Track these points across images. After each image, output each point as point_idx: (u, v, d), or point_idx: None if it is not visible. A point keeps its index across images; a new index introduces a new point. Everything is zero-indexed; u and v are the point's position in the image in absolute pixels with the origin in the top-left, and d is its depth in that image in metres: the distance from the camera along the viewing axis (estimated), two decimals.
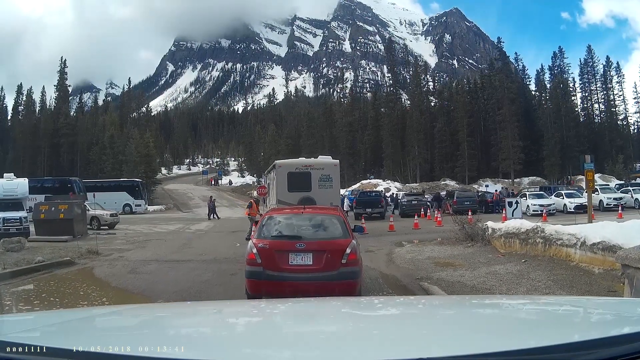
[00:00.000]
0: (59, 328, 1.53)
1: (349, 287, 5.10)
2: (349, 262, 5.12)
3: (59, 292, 6.83)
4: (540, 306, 1.94)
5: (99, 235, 15.46)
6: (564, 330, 1.38)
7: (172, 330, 1.64)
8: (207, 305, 2.46)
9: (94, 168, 47.34)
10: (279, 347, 1.27)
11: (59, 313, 2.62)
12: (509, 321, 1.65)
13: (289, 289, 4.96)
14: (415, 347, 1.16)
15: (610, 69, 57.50)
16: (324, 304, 2.20)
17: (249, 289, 5.41)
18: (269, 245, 5.28)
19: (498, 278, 6.55)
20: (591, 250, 7.28)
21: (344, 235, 5.42)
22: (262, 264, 5.19)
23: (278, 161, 14.78)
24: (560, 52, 58.04)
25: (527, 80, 58.49)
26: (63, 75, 56.79)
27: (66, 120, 53.53)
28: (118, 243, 14.53)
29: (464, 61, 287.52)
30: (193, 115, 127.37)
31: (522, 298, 3.55)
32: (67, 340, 1.32)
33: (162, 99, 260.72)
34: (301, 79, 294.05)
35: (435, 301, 2.79)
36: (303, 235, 5.42)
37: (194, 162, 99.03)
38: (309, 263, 5.14)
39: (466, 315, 1.77)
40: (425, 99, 53.91)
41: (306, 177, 13.62)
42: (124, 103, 79.04)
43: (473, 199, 23.75)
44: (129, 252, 11.86)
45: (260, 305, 2.43)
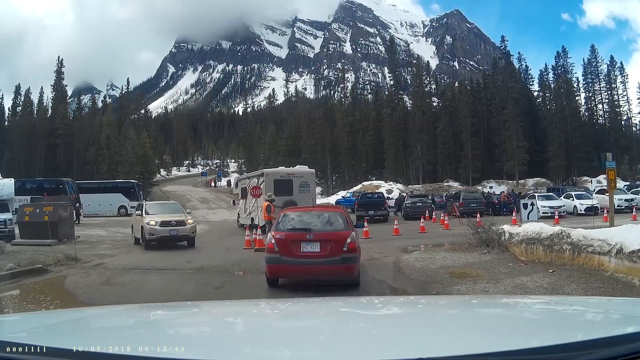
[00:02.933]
0: (59, 328, 1.53)
1: (350, 270, 6.26)
2: (349, 250, 6.24)
3: (18, 307, 5.92)
4: (541, 306, 1.92)
5: (87, 240, 14.62)
6: (564, 330, 1.36)
7: (172, 330, 1.63)
8: (207, 305, 2.45)
9: (90, 169, 46.50)
10: (279, 347, 1.27)
11: (59, 313, 2.58)
12: (509, 321, 1.64)
13: (300, 271, 6.33)
14: (415, 347, 1.16)
15: (614, 69, 56.57)
16: (323, 303, 2.19)
17: (268, 272, 6.58)
18: (285, 237, 6.40)
19: (528, 293, 5.61)
20: (630, 259, 6.36)
21: (345, 227, 6.59)
22: (279, 251, 6.29)
23: (266, 170, 17.08)
24: (564, 51, 57.17)
25: (530, 80, 57.73)
26: (60, 75, 56.11)
27: (62, 120, 52.70)
28: (103, 248, 13.65)
29: (464, 63, 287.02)
30: (193, 117, 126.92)
31: (523, 298, 3.47)
32: (67, 340, 1.31)
33: (163, 101, 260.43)
34: (302, 80, 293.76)
35: (436, 301, 2.75)
36: (312, 228, 6.56)
37: (193, 163, 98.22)
38: (317, 250, 6.26)
39: (466, 315, 1.76)
40: (427, 99, 52.99)
41: (289, 183, 16.27)
42: (122, 104, 78.24)
43: (480, 201, 22.77)
44: (111, 258, 10.95)
45: (260, 305, 2.47)
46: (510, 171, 47.19)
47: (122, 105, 78.48)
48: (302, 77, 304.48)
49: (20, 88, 63.37)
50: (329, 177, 55.30)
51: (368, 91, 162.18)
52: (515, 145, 45.91)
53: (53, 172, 43.63)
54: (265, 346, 1.28)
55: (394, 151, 49.16)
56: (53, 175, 38.80)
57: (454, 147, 48.30)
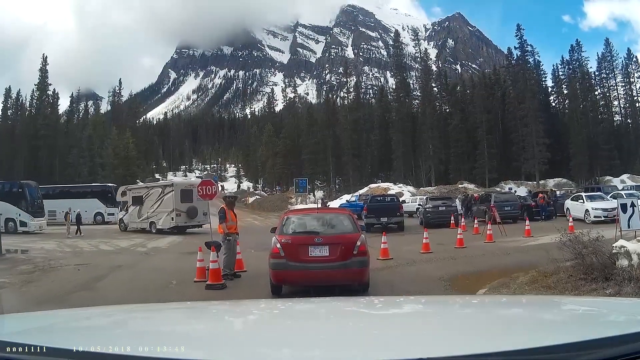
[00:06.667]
0: (58, 328, 1.54)
1: (360, 273, 6.10)
2: (359, 253, 6.07)
3: None
4: (541, 306, 1.90)
5: (15, 255, 11.14)
6: (564, 330, 1.36)
7: (172, 330, 1.62)
8: (207, 305, 2.44)
9: (72, 172, 42.74)
10: (279, 347, 1.27)
11: (58, 313, 2.45)
12: (509, 321, 1.62)
13: (309, 277, 6.02)
14: (415, 347, 1.16)
15: (631, 62, 52.79)
16: (324, 304, 2.18)
17: (273, 279, 6.24)
18: (292, 240, 6.18)
19: None
20: None
21: (354, 230, 6.42)
22: (285, 256, 6.04)
23: (175, 179, 21.29)
24: (578, 45, 53.37)
25: (542, 76, 53.94)
26: (44, 73, 52.60)
27: (45, 121, 49.13)
28: (22, 269, 9.94)
29: (467, 66, 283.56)
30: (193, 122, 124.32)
31: (523, 298, 3.22)
32: (67, 340, 1.31)
33: (165, 107, 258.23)
34: (304, 85, 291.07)
35: (436, 301, 2.60)
36: (320, 231, 6.34)
37: (190, 168, 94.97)
38: (326, 254, 6.05)
39: (467, 315, 1.76)
40: (438, 94, 49.09)
41: (190, 193, 19.11)
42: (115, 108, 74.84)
43: (515, 204, 18.68)
44: (22, 286, 7.68)
45: (260, 305, 2.47)
46: (530, 171, 43.28)
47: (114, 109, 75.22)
48: (304, 82, 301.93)
49: (10, 90, 60.39)
50: (331, 179, 51.23)
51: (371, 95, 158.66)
52: (535, 142, 41.89)
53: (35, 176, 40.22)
54: (266, 346, 1.27)
55: (403, 150, 45.20)
56: (35, 179, 34.89)
57: (467, 146, 44.43)
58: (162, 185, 21.22)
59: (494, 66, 64.86)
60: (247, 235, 15.18)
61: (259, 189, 59.24)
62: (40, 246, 15.70)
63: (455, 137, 44.90)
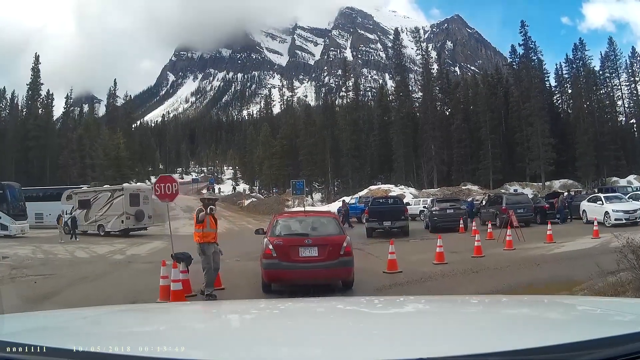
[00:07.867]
0: (58, 328, 1.53)
1: (346, 272, 6.65)
2: (345, 253, 6.58)
3: None
4: (542, 306, 1.89)
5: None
6: (564, 330, 1.36)
7: (172, 330, 1.62)
8: (207, 306, 2.49)
9: (62, 174, 41.27)
10: (279, 346, 1.27)
11: (58, 313, 2.45)
12: (509, 321, 1.61)
13: (300, 275, 6.44)
14: (415, 347, 1.16)
15: (636, 61, 51.66)
16: (323, 303, 2.19)
17: (265, 278, 6.64)
18: (283, 242, 6.58)
19: None
20: None
21: (340, 232, 6.98)
22: (277, 256, 6.43)
23: (125, 185, 23.21)
24: (581, 43, 52.29)
25: (545, 75, 52.75)
26: (36, 72, 51.30)
27: (36, 121, 47.75)
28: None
29: (465, 68, 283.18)
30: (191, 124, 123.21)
31: (523, 297, 3.02)
32: (67, 340, 1.31)
33: (163, 109, 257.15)
34: (302, 88, 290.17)
35: (436, 301, 2.55)
36: (309, 233, 6.80)
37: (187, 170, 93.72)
38: (315, 255, 6.51)
39: (467, 315, 1.75)
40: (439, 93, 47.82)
41: (137, 197, 21.21)
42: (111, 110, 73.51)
43: (528, 206, 17.28)
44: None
45: (260, 305, 2.49)
46: (535, 172, 42.00)
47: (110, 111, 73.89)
48: (303, 84, 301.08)
49: (5, 92, 59.12)
50: (330, 181, 49.82)
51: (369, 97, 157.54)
52: (541, 142, 40.59)
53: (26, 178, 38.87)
54: (266, 346, 1.27)
55: (404, 151, 43.84)
56: (25, 181, 33.43)
57: (471, 146, 43.10)
58: (112, 190, 22.13)
59: (497, 65, 63.64)
60: (235, 242, 13.91)
61: (255, 192, 57.84)
62: (14, 252, 14.45)
63: (457, 137, 43.64)
